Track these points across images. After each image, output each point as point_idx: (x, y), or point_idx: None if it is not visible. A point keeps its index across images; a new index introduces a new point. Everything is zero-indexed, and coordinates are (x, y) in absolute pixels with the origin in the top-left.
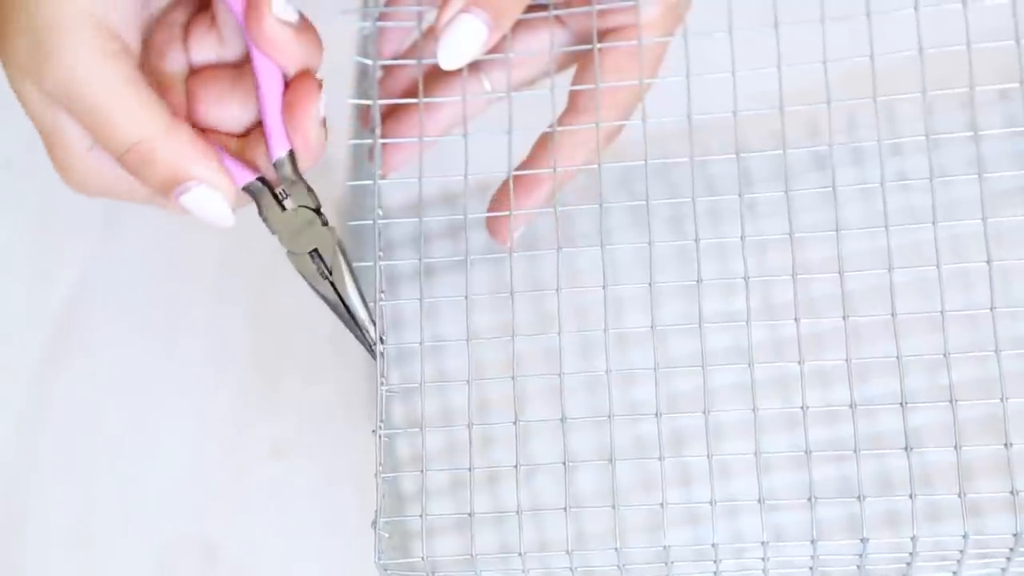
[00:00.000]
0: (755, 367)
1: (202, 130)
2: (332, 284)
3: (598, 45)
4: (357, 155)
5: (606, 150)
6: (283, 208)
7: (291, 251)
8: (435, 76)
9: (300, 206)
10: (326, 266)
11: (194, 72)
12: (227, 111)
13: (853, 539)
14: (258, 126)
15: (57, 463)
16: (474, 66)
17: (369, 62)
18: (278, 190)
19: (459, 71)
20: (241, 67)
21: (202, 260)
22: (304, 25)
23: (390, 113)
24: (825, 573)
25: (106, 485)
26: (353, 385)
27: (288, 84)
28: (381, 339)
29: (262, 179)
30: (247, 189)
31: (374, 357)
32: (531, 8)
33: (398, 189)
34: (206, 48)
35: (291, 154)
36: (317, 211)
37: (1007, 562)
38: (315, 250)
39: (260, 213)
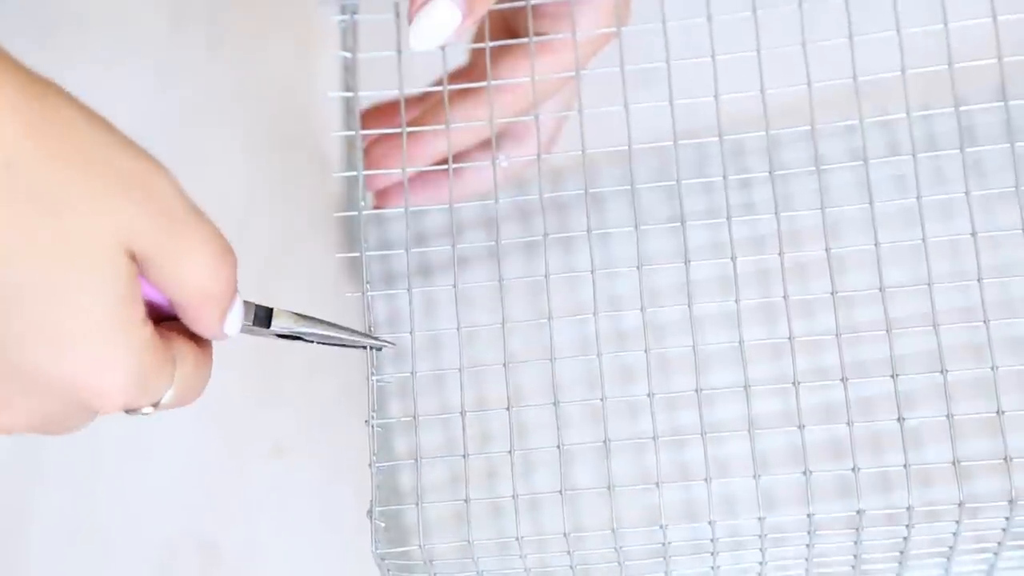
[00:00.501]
0: (751, 365)
1: None
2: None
3: (533, 39)
4: (350, 151)
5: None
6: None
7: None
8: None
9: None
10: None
11: None
12: None
13: (849, 510)
14: None
15: (57, 463)
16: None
17: (349, 55)
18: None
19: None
20: None
21: None
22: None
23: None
24: (823, 574)
25: (106, 485)
26: (354, 383)
27: None
28: (370, 329)
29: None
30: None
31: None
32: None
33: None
34: None
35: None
36: (268, 319)
37: (1003, 534)
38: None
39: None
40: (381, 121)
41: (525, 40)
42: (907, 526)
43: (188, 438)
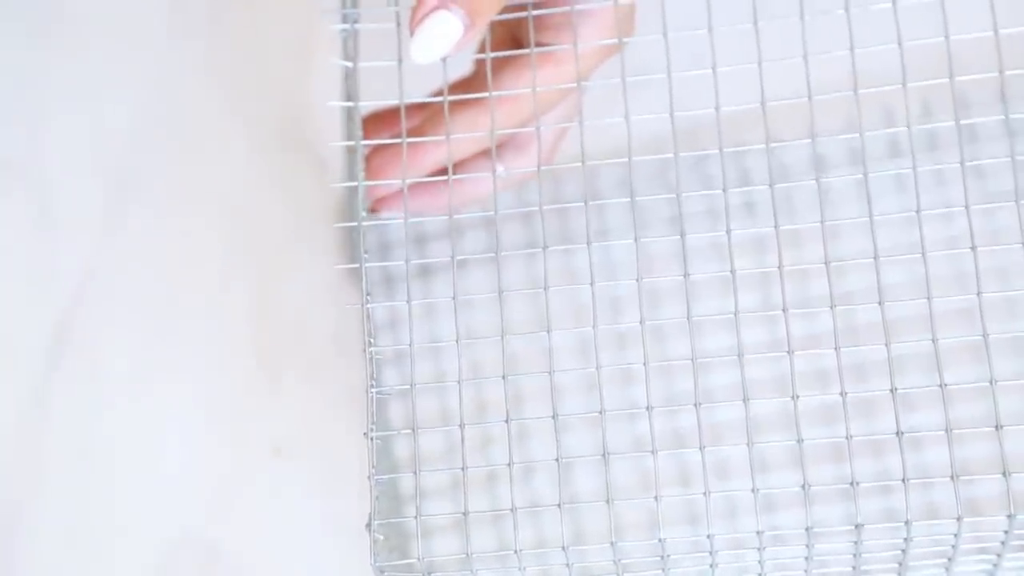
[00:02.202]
0: (749, 365)
1: None
2: None
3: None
4: (350, 160)
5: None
6: None
7: None
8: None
9: None
10: None
11: None
12: None
13: (849, 515)
14: None
15: (57, 463)
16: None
17: (350, 64)
18: None
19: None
20: None
21: (204, 259)
22: None
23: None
24: (823, 573)
25: (106, 485)
26: (355, 385)
27: None
28: (370, 342)
29: None
30: None
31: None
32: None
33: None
34: None
35: None
36: None
37: (1002, 547)
38: None
39: None
40: (381, 128)
41: (527, 51)
42: (905, 539)
43: (188, 438)
